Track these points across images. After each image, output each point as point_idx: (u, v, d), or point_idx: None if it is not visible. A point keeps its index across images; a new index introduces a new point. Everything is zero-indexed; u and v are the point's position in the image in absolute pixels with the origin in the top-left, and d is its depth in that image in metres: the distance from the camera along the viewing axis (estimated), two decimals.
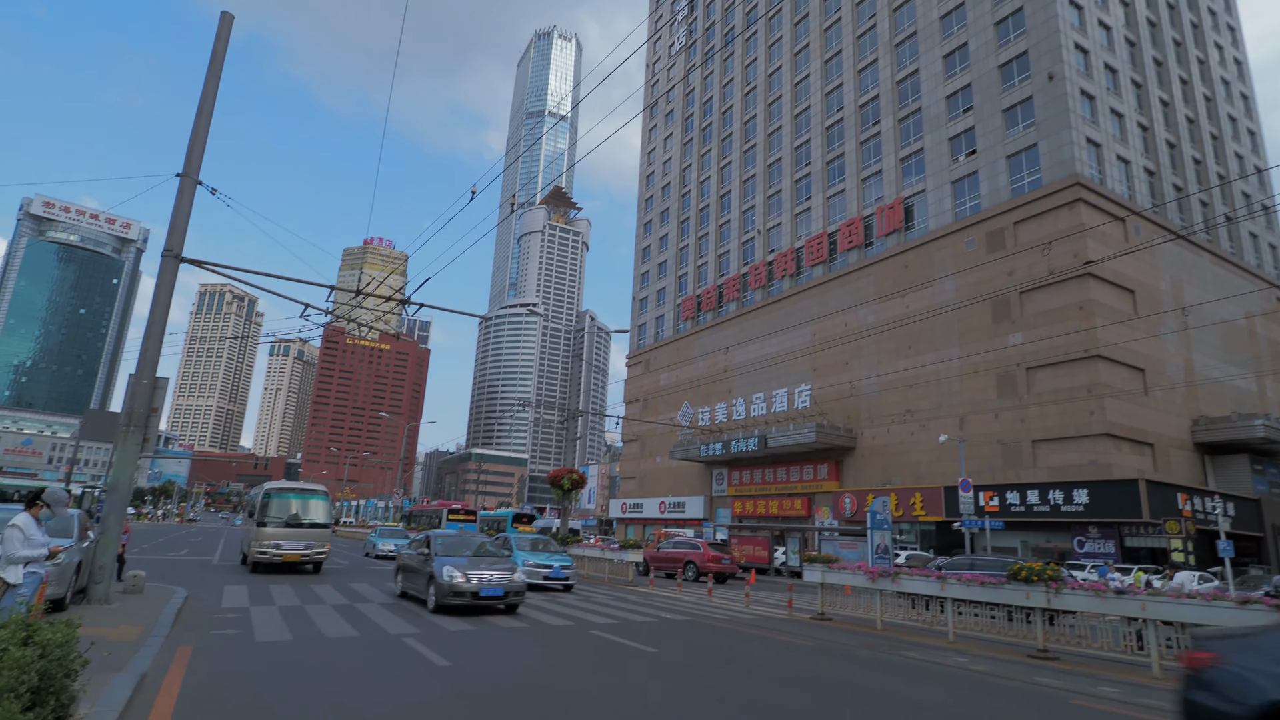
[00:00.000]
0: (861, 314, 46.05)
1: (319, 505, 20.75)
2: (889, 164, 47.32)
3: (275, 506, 19.90)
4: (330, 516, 21.11)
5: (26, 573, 6.15)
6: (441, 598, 12.80)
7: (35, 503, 6.49)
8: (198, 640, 9.36)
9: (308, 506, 20.46)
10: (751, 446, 48.04)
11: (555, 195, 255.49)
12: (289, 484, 21.38)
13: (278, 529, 19.51)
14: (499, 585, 13.10)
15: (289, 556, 19.32)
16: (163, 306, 12.48)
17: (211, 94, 13.36)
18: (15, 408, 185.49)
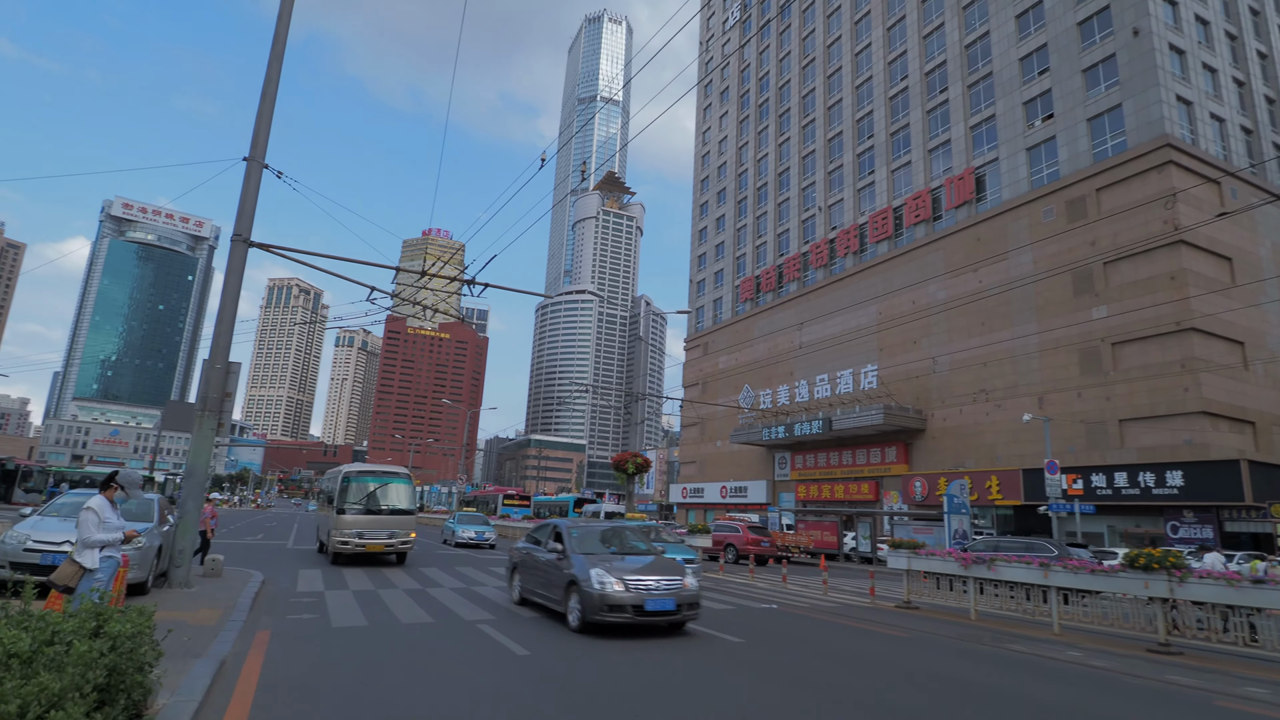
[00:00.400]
0: (930, 290, 44.26)
1: (402, 489, 18.96)
2: (958, 133, 45.19)
3: (355, 491, 18.15)
4: (414, 501, 19.26)
5: (103, 557, 5.95)
6: (591, 613, 9.48)
7: (109, 485, 6.28)
8: (275, 625, 9.23)
9: (390, 491, 18.70)
10: (815, 429, 46.87)
11: (608, 180, 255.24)
12: (369, 466, 19.45)
13: (358, 516, 17.84)
14: (668, 596, 9.67)
15: (372, 546, 17.64)
16: (233, 291, 12.44)
17: (275, 75, 13.21)
18: (103, 400, 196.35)
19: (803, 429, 48.28)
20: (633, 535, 11.88)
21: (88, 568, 5.83)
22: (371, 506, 18.16)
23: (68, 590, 5.70)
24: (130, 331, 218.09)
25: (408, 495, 19.00)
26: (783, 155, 61.95)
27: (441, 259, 15.05)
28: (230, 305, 12.38)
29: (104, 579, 5.94)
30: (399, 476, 19.21)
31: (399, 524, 18.25)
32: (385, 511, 18.25)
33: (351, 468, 19.11)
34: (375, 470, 19.20)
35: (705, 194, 72.93)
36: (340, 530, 17.60)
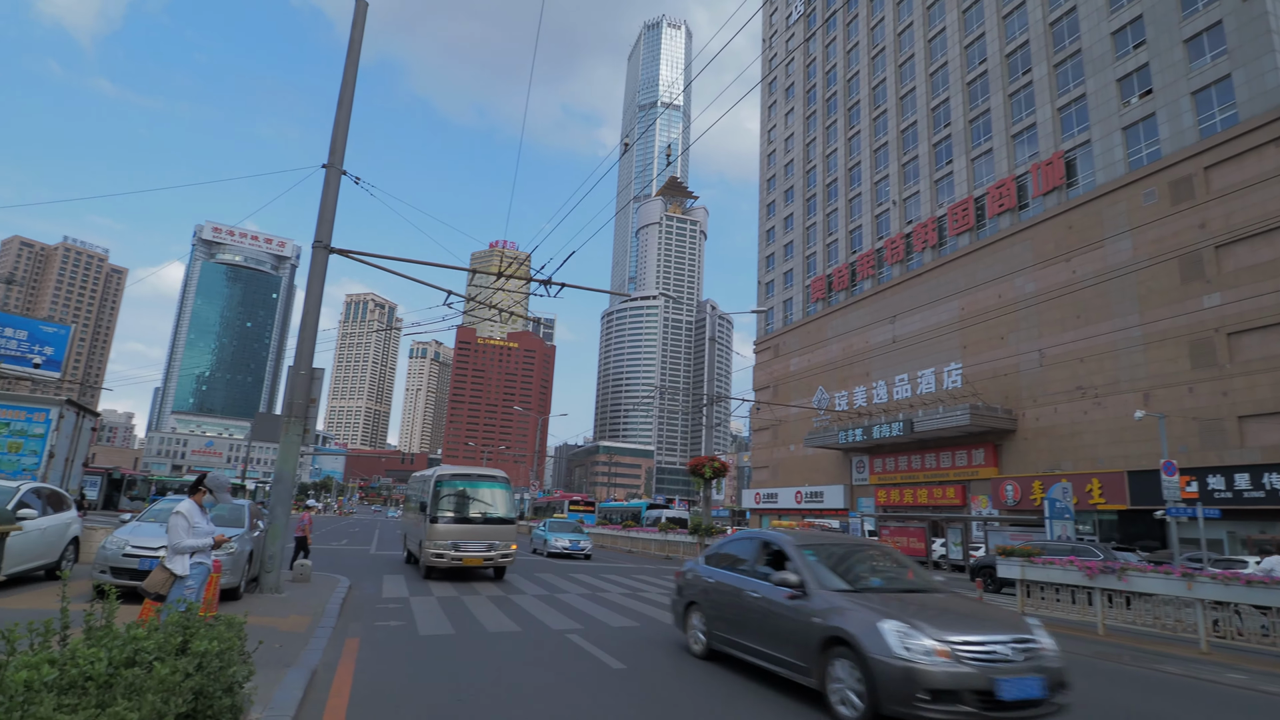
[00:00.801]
0: (1018, 283, 41.98)
1: (501, 495, 16.88)
2: (1044, 115, 42.81)
3: (449, 497, 16.14)
4: (514, 508, 17.04)
5: (193, 563, 5.74)
6: (895, 702, 5.47)
7: (198, 488, 6.05)
8: (363, 632, 8.99)
9: (488, 496, 16.69)
10: (895, 431, 45.03)
11: (671, 185, 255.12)
12: (463, 469, 17.28)
13: (453, 525, 15.79)
14: (1030, 672, 5.59)
15: (470, 560, 15.62)
16: (315, 297, 12.42)
17: (351, 83, 13.19)
18: (199, 413, 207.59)
19: (881, 431, 46.48)
20: (877, 556, 7.92)
21: (178, 574, 5.62)
22: (468, 514, 16.16)
23: (159, 598, 5.48)
24: (221, 348, 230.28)
25: (507, 501, 16.94)
26: (853, 149, 60.19)
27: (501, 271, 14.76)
28: (313, 311, 12.36)
29: (195, 586, 5.73)
30: (496, 480, 17.14)
31: (499, 535, 16.19)
32: (483, 520, 16.23)
33: (444, 470, 16.87)
34: (470, 473, 17.10)
35: (772, 193, 71.60)
36: (433, 542, 15.60)
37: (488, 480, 17.02)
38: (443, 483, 16.38)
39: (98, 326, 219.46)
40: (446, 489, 16.30)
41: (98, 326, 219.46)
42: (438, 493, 16.07)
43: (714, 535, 25.00)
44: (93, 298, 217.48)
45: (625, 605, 13.01)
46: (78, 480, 14.85)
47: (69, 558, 11.17)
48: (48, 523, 10.26)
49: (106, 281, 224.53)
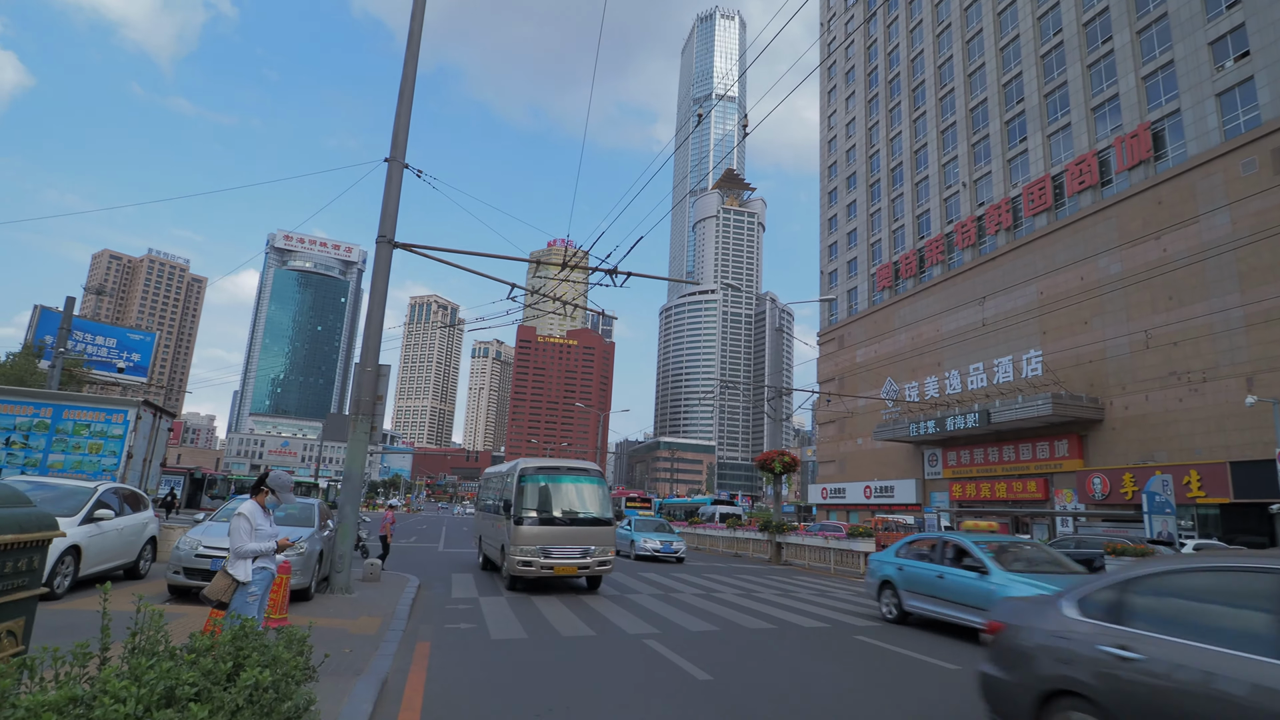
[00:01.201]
0: (1102, 264, 39.61)
1: (595, 491, 14.61)
2: (1127, 85, 40.25)
3: (537, 494, 13.95)
4: (610, 507, 14.70)
5: (256, 568, 5.38)
6: None
7: (260, 488, 5.68)
8: (434, 636, 8.69)
9: (582, 493, 14.46)
10: (971, 423, 43.12)
11: (728, 178, 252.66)
12: (551, 462, 14.91)
13: (542, 528, 13.53)
14: None
15: (562, 569, 13.38)
16: (380, 293, 12.27)
17: (411, 75, 13.00)
18: (274, 415, 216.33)
19: (955, 423, 44.62)
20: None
21: (240, 581, 5.28)
22: (559, 514, 13.87)
23: (221, 606, 5.21)
24: (295, 352, 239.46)
25: (602, 499, 14.62)
26: (918, 131, 58.01)
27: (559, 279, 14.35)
28: (378, 307, 12.22)
29: (258, 593, 5.40)
30: (589, 474, 14.90)
31: (595, 537, 13.94)
32: (577, 521, 13.96)
33: (528, 463, 14.68)
34: (558, 466, 14.83)
35: (833, 180, 69.73)
36: (519, 547, 13.33)
37: (580, 474, 14.80)
38: (528, 477, 14.17)
39: (180, 333, 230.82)
40: (533, 485, 14.09)
41: (180, 333, 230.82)
42: (522, 489, 13.92)
43: (785, 532, 24.17)
44: (176, 306, 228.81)
45: (700, 607, 12.47)
46: (156, 480, 15.18)
47: (146, 557, 11.30)
48: (124, 523, 10.35)
49: (188, 290, 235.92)
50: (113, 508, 10.12)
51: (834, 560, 21.94)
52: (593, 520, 14.15)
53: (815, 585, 17.45)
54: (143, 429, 13.84)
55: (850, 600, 14.50)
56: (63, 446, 12.87)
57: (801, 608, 12.84)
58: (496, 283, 13.45)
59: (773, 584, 17.24)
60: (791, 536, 23.78)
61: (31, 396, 13.21)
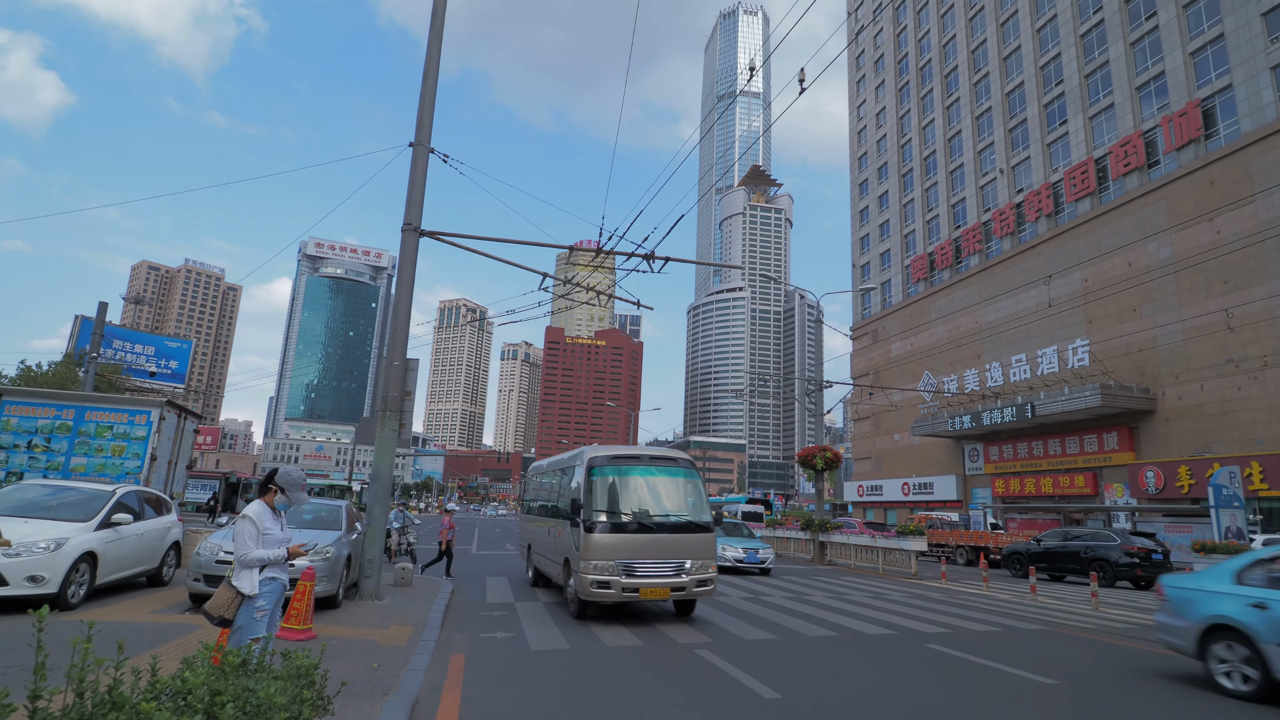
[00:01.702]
0: (1151, 249, 38.00)
1: (688, 488, 11.16)
2: (1173, 62, 38.56)
3: (613, 491, 10.61)
4: (708, 509, 11.16)
5: (264, 579, 4.73)
6: None
7: (268, 487, 5.01)
8: (469, 647, 8.11)
9: (671, 490, 11.02)
10: (1008, 417, 41.71)
11: (753, 174, 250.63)
12: (629, 450, 11.61)
13: (622, 536, 10.17)
14: None
15: (650, 591, 10.00)
16: (407, 283, 11.78)
17: (435, 57, 12.51)
18: (309, 419, 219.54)
19: (995, 417, 43.21)
20: None
21: (246, 594, 4.60)
22: (644, 518, 10.50)
23: (224, 622, 4.53)
24: (328, 357, 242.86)
25: (698, 497, 11.16)
26: (951, 118, 56.48)
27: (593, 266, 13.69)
28: (405, 299, 11.73)
29: (267, 607, 4.73)
30: (679, 465, 11.42)
31: (692, 548, 10.48)
32: (668, 527, 10.56)
33: (599, 451, 11.37)
34: (639, 455, 11.43)
35: (864, 171, 68.33)
36: (591, 561, 10.00)
37: (667, 464, 11.32)
38: (600, 470, 10.81)
39: (217, 341, 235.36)
40: (607, 479, 10.72)
41: (217, 341, 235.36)
42: (593, 486, 10.59)
43: (829, 530, 23.30)
44: (212, 314, 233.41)
45: (749, 612, 11.78)
46: (182, 483, 14.87)
47: (170, 563, 10.91)
48: (145, 527, 9.95)
49: (224, 299, 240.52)
50: (133, 511, 9.71)
51: (881, 560, 21.03)
52: (688, 525, 10.63)
53: (866, 587, 16.64)
54: (166, 430, 13.52)
55: (907, 604, 13.68)
56: (85, 449, 12.59)
57: (858, 611, 12.09)
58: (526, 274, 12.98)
59: (821, 585, 16.48)
60: (835, 535, 22.89)
61: (53, 398, 12.97)
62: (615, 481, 10.76)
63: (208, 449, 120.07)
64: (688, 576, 10.28)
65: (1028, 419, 40.97)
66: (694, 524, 10.67)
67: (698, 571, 10.38)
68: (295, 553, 4.72)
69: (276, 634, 7.68)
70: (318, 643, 7.46)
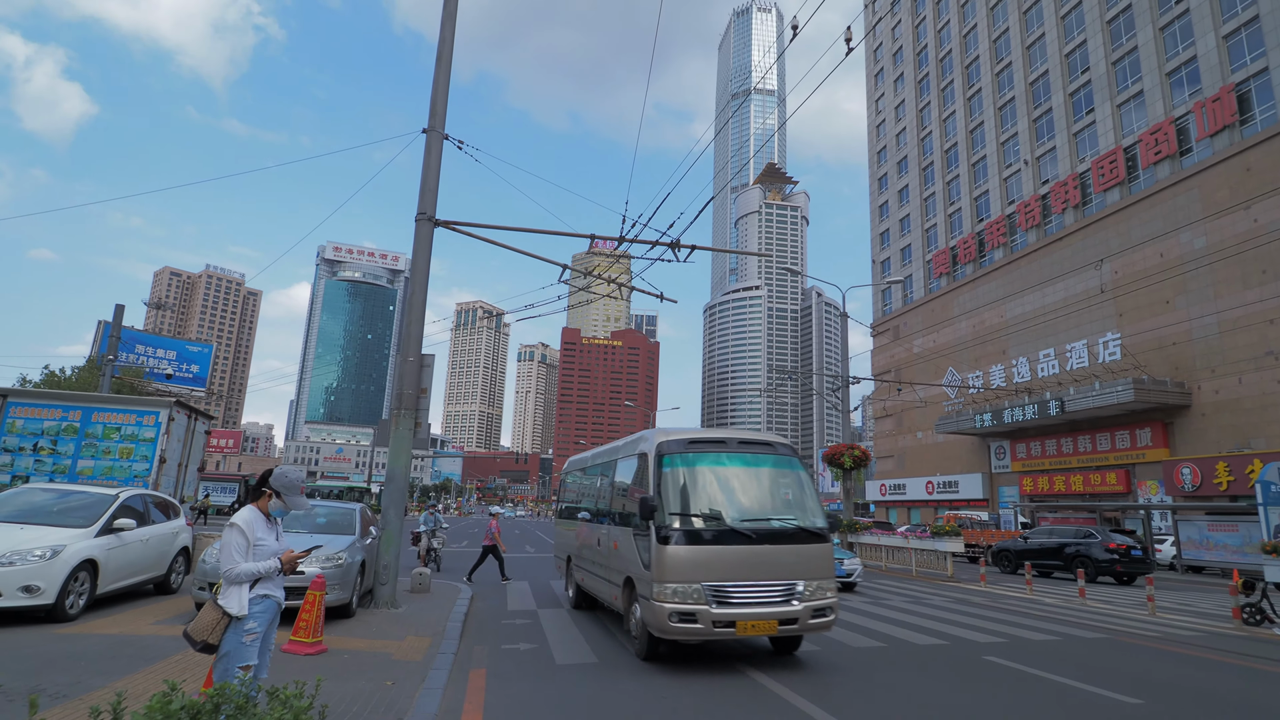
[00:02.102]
0: (1184, 238, 36.89)
1: (793, 482, 8.49)
2: (1205, 46, 37.42)
3: (695, 488, 7.96)
4: (822, 510, 8.45)
5: (255, 597, 4.00)
6: None
7: (262, 491, 4.23)
8: (490, 661, 7.58)
9: (772, 486, 8.40)
10: (1046, 412, 40.69)
11: (769, 172, 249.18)
12: (713, 433, 8.80)
13: (710, 550, 7.57)
14: None
15: (753, 625, 7.36)
16: (421, 274, 11.31)
17: (449, 40, 12.07)
18: (329, 422, 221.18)
19: (1014, 415, 42.34)
20: None
21: (233, 614, 3.87)
22: (740, 524, 7.72)
23: (207, 648, 3.85)
24: (346, 360, 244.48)
25: (807, 494, 8.45)
26: (973, 109, 55.41)
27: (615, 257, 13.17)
28: (419, 291, 11.26)
29: (258, 629, 3.96)
30: (776, 451, 8.66)
31: (806, 564, 7.82)
32: (772, 535, 7.81)
33: (671, 436, 8.50)
34: (725, 439, 8.61)
35: (883, 166, 67.33)
36: (668, 584, 7.35)
37: (763, 452, 8.54)
38: (676, 459, 8.07)
39: (238, 345, 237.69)
40: (687, 472, 7.99)
41: (238, 345, 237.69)
42: (665, 480, 7.89)
43: (858, 531, 22.59)
44: (233, 319, 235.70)
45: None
46: (193, 486, 14.49)
47: (179, 569, 10.50)
48: (151, 532, 9.53)
49: (244, 303, 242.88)
50: (138, 516, 9.30)
51: (914, 562, 20.32)
52: (798, 533, 7.87)
53: (902, 591, 15.96)
54: (176, 431, 13.13)
55: (951, 610, 13.00)
56: (92, 451, 12.23)
57: (901, 619, 11.43)
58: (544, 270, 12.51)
59: (854, 590, 15.81)
60: (865, 536, 22.19)
61: (59, 399, 12.62)
62: (697, 475, 7.98)
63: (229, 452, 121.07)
64: (801, 603, 7.50)
65: (1050, 415, 39.98)
66: (806, 531, 7.89)
67: (814, 596, 7.61)
68: (290, 563, 4.09)
69: (284, 648, 7.22)
70: (327, 658, 6.98)
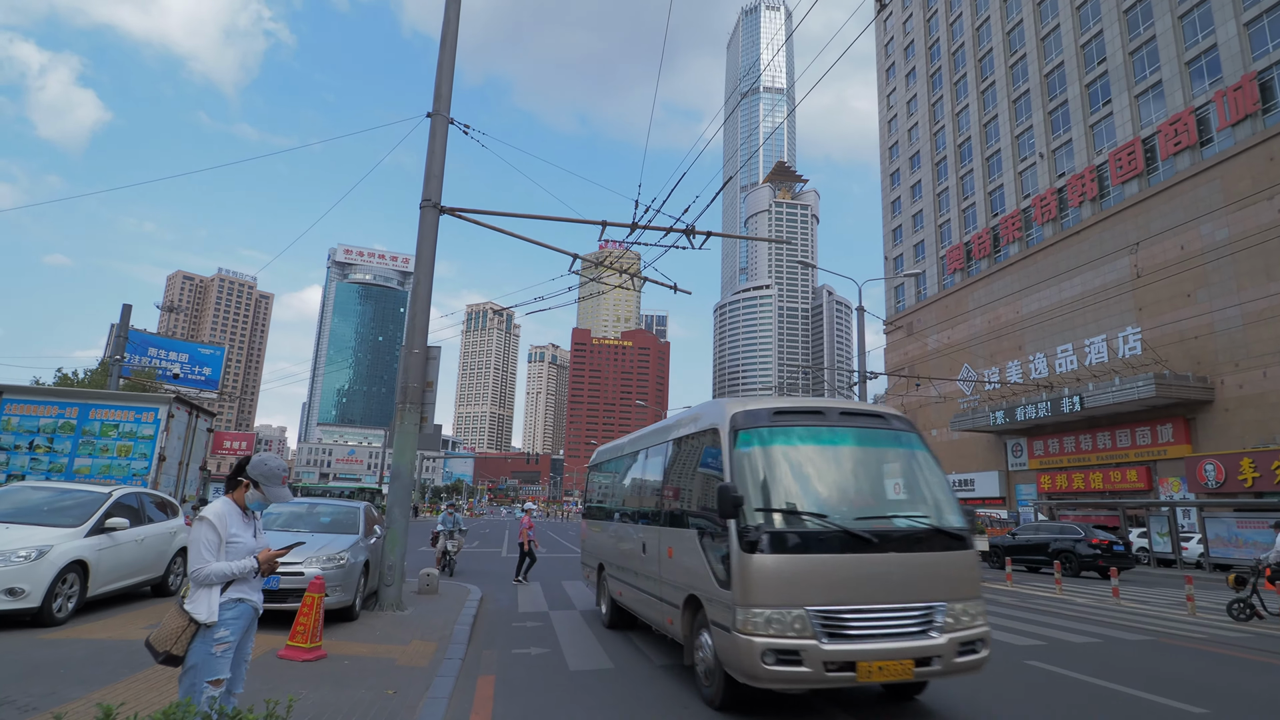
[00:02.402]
0: (1205, 230, 36.11)
1: (916, 467, 6.20)
2: (1226, 34, 36.64)
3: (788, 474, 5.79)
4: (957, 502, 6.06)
5: (227, 601, 3.49)
6: None
7: (237, 481, 3.75)
8: (499, 667, 7.19)
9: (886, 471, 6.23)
10: (1044, 412, 40.08)
11: (779, 170, 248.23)
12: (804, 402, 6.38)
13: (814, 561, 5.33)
14: None
15: (880, 667, 5.08)
16: (426, 264, 10.96)
17: (454, 20, 11.72)
18: (340, 424, 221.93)
19: (1031, 412, 41.68)
20: None
21: (201, 621, 3.36)
22: (858, 527, 5.48)
23: (171, 660, 3.35)
24: (358, 363, 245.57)
25: (937, 485, 6.18)
26: (987, 102, 54.68)
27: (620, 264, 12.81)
28: (424, 281, 10.91)
29: (231, 638, 3.45)
30: (889, 425, 6.42)
31: (942, 582, 5.57)
32: (898, 540, 5.58)
33: (749, 405, 6.32)
34: (819, 408, 6.34)
35: (895, 161, 66.63)
36: (759, 608, 5.20)
37: (877, 427, 6.38)
38: (762, 434, 6.02)
39: (250, 348, 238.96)
40: (779, 449, 5.97)
41: (250, 348, 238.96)
42: (744, 463, 5.85)
43: None
44: (245, 322, 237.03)
45: None
46: (195, 486, 14.20)
47: (177, 570, 10.18)
48: (146, 532, 9.20)
49: (256, 306, 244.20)
50: (132, 514, 8.97)
51: None
52: (932, 537, 5.73)
53: None
54: (176, 428, 12.84)
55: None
56: (89, 449, 11.94)
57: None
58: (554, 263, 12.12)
59: None
60: None
61: (55, 395, 12.37)
62: (788, 457, 5.80)
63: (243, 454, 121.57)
64: (943, 635, 5.29)
65: (1068, 412, 39.28)
66: (943, 533, 5.65)
67: (959, 624, 5.40)
68: (269, 562, 3.63)
69: (280, 654, 6.85)
70: (325, 665, 6.62)
